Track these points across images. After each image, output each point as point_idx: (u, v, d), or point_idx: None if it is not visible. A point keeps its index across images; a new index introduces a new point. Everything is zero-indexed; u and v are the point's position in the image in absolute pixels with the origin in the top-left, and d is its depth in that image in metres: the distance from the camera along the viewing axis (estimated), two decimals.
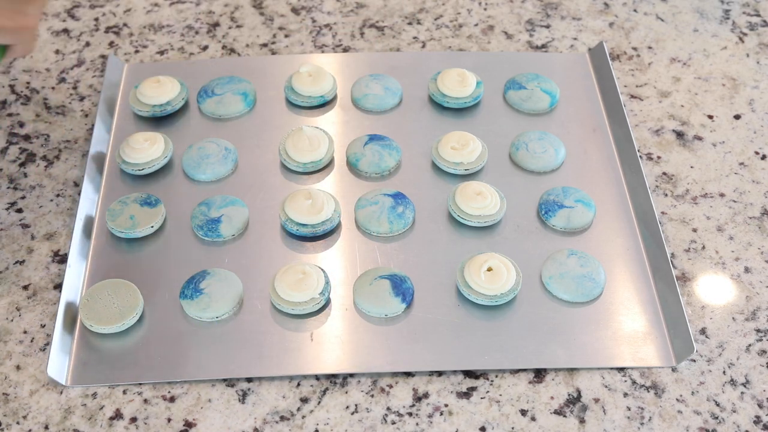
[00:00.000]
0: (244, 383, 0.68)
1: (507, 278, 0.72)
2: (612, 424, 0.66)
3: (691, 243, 0.78)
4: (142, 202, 0.78)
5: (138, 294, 0.71)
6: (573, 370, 0.69)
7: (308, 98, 0.88)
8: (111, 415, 0.66)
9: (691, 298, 0.74)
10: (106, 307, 0.70)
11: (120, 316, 0.70)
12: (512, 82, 0.91)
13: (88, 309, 0.70)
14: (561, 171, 0.83)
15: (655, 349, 0.70)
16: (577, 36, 0.98)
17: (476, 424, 0.65)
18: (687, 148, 0.86)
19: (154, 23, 0.99)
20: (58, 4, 1.02)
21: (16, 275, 0.75)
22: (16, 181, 0.82)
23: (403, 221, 0.78)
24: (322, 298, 0.71)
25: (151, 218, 0.77)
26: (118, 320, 0.69)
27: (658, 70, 0.94)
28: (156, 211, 0.77)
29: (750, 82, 0.93)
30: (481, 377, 0.68)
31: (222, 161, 0.82)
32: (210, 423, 0.65)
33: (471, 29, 0.99)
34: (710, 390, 0.68)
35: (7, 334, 0.71)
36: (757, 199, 0.81)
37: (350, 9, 1.01)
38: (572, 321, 0.72)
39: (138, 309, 0.70)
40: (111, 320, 0.69)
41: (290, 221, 0.77)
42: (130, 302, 0.71)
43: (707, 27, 0.99)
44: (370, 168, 0.82)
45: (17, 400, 0.67)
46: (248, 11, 1.01)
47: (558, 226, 0.78)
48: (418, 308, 0.72)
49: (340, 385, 0.68)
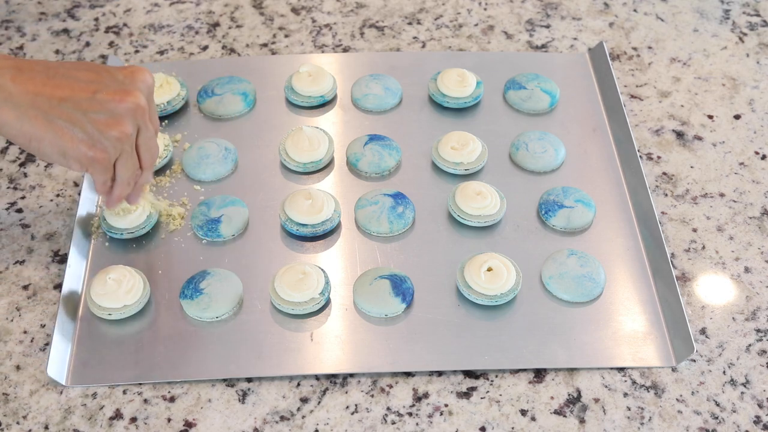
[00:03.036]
0: (244, 383, 0.68)
1: (507, 278, 0.72)
2: (612, 424, 0.66)
3: (691, 243, 0.78)
4: None
5: (144, 279, 0.72)
6: (573, 370, 0.69)
7: (308, 98, 0.88)
8: (111, 415, 0.66)
9: (691, 298, 0.74)
10: (113, 289, 0.70)
11: (126, 296, 0.70)
12: (512, 82, 0.91)
13: (96, 291, 0.70)
14: (561, 171, 0.83)
15: (655, 349, 0.70)
16: (577, 36, 0.98)
17: (476, 424, 0.65)
18: (687, 148, 0.86)
19: (154, 23, 0.99)
20: (58, 4, 1.02)
21: (16, 275, 0.75)
22: (16, 181, 0.82)
23: (403, 221, 0.78)
24: (322, 298, 0.71)
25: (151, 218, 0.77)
26: (124, 300, 0.70)
27: (658, 70, 0.94)
28: None
29: (750, 82, 0.93)
30: (481, 377, 0.68)
31: (222, 161, 0.82)
32: (210, 423, 0.65)
33: (471, 29, 0.99)
34: (710, 390, 0.68)
35: (7, 334, 0.71)
36: (757, 199, 0.81)
37: (350, 9, 1.01)
38: (572, 321, 0.72)
39: (146, 292, 0.71)
40: (117, 299, 0.70)
41: (290, 221, 0.77)
42: (136, 285, 0.71)
43: (707, 27, 0.99)
44: (370, 168, 0.82)
45: (17, 400, 0.67)
46: (248, 11, 1.01)
47: (558, 226, 0.78)
48: (418, 308, 0.72)
49: (340, 385, 0.68)
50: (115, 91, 0.63)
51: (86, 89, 0.63)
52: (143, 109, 0.64)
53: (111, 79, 0.64)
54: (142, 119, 0.65)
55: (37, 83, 0.62)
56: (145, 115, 0.65)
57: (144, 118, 0.65)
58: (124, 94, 0.63)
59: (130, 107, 0.63)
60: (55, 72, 0.63)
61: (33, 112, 0.62)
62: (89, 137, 0.63)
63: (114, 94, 0.63)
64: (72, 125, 0.62)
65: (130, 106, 0.63)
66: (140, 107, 0.64)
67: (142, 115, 0.65)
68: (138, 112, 0.64)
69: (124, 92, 0.63)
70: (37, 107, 0.62)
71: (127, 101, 0.63)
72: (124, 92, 0.63)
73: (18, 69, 0.62)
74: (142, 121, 0.65)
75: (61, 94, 0.62)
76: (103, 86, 0.63)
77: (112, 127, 0.63)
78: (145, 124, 0.65)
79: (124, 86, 0.64)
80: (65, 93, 0.62)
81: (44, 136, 0.62)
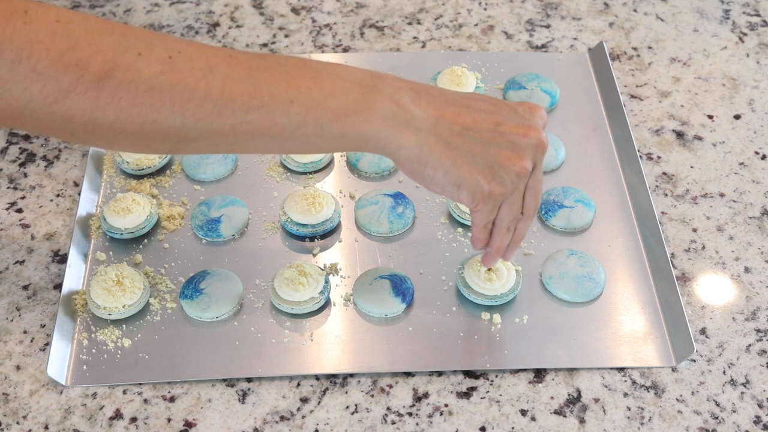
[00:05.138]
0: (244, 383, 0.68)
1: (507, 278, 0.72)
2: (612, 424, 0.66)
3: (691, 243, 0.78)
4: None
5: (144, 279, 0.72)
6: (573, 370, 0.69)
7: None
8: (111, 415, 0.66)
9: (691, 298, 0.74)
10: (113, 289, 0.70)
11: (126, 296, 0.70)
12: (512, 82, 0.91)
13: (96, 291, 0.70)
14: (561, 171, 0.83)
15: (655, 349, 0.70)
16: (577, 36, 0.98)
17: (476, 424, 0.65)
18: (687, 148, 0.86)
19: (154, 23, 0.99)
20: (59, 4, 1.02)
21: (16, 275, 0.75)
22: (16, 181, 0.82)
23: (403, 221, 0.78)
24: (321, 297, 0.71)
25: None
26: (124, 300, 0.70)
27: (658, 70, 0.94)
28: None
29: (750, 82, 0.93)
30: (481, 377, 0.68)
31: (222, 161, 0.82)
32: (210, 423, 0.65)
33: (471, 29, 0.99)
34: (710, 390, 0.68)
35: (7, 334, 0.71)
36: (757, 199, 0.81)
37: (350, 9, 1.01)
38: (572, 321, 0.72)
39: (146, 292, 0.71)
40: (117, 300, 0.70)
41: (290, 221, 0.77)
42: (136, 285, 0.71)
43: (707, 27, 0.99)
44: (370, 168, 0.82)
45: (17, 400, 0.67)
46: (248, 11, 1.01)
47: (558, 226, 0.78)
48: (418, 308, 0.72)
49: (340, 385, 0.68)
50: (518, 125, 0.60)
51: (488, 119, 0.59)
52: (544, 146, 0.60)
53: (511, 112, 0.61)
54: (540, 158, 0.61)
55: (438, 107, 0.59)
56: (543, 154, 0.61)
57: (542, 156, 0.61)
58: (528, 129, 0.60)
59: (533, 143, 0.60)
60: (453, 99, 0.60)
61: (434, 138, 0.58)
62: (489, 169, 0.59)
63: (518, 128, 0.59)
64: (473, 155, 0.59)
65: (533, 142, 0.60)
66: (542, 144, 0.60)
67: (542, 152, 0.61)
68: (539, 149, 0.60)
69: (527, 127, 0.60)
70: (438, 133, 0.58)
71: (530, 136, 0.59)
72: (527, 127, 0.60)
73: (416, 91, 0.59)
74: (539, 159, 0.61)
75: (463, 122, 0.59)
76: (505, 118, 0.60)
77: (513, 162, 0.59)
78: (540, 163, 0.62)
79: (525, 120, 0.60)
80: (467, 121, 0.59)
81: (442, 163, 0.58)
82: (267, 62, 0.57)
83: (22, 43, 0.50)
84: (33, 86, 0.51)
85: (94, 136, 0.55)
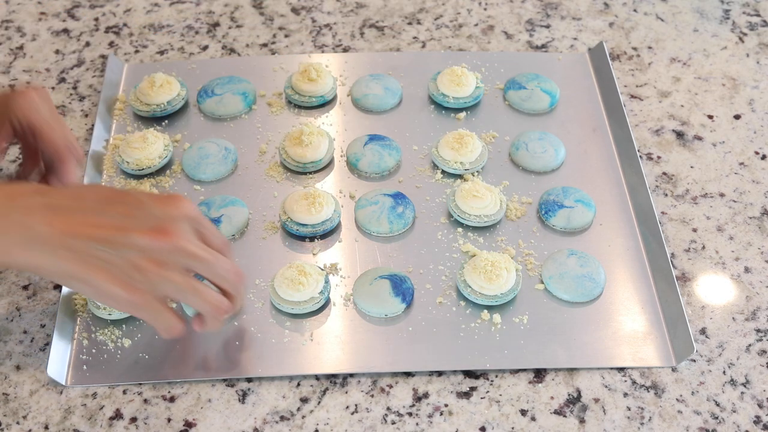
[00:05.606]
0: (244, 383, 0.68)
1: (507, 278, 0.72)
2: (612, 424, 0.66)
3: (691, 243, 0.78)
4: None
5: None
6: (573, 370, 0.69)
7: (308, 98, 0.88)
8: (111, 415, 0.66)
9: (691, 298, 0.74)
10: None
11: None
12: (512, 82, 0.91)
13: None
14: (561, 171, 0.83)
15: (655, 349, 0.70)
16: (577, 36, 0.98)
17: (476, 424, 0.65)
18: (687, 148, 0.86)
19: (154, 23, 1.00)
20: (58, 4, 1.02)
21: (16, 275, 0.75)
22: None
23: (403, 221, 0.78)
24: (321, 297, 0.71)
25: None
26: None
27: (658, 70, 0.94)
28: None
29: (750, 82, 0.93)
30: (481, 377, 0.68)
31: (222, 161, 0.82)
32: (210, 423, 0.65)
33: (471, 29, 0.99)
34: (710, 390, 0.68)
35: (7, 334, 0.71)
36: (757, 199, 0.81)
37: (350, 9, 1.01)
38: (572, 321, 0.72)
39: None
40: None
41: (290, 221, 0.77)
42: None
43: (707, 27, 0.99)
44: (370, 168, 0.82)
45: (17, 400, 0.67)
46: (248, 11, 1.01)
47: (558, 226, 0.78)
48: (418, 308, 0.72)
49: (340, 385, 0.68)
50: (151, 229, 0.59)
51: (120, 227, 0.59)
52: (180, 245, 0.60)
53: (146, 216, 0.60)
54: (186, 258, 0.60)
55: (69, 222, 0.59)
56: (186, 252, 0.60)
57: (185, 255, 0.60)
58: (158, 233, 0.59)
59: (166, 247, 0.59)
60: (92, 206, 0.60)
61: (68, 254, 0.58)
62: (128, 278, 0.59)
63: (149, 232, 0.59)
64: (110, 265, 0.59)
65: (167, 247, 0.59)
66: (177, 245, 0.60)
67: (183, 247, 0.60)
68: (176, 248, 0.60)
69: (158, 230, 0.59)
70: (70, 248, 0.58)
71: (161, 240, 0.59)
72: (158, 230, 0.59)
73: (51, 209, 0.59)
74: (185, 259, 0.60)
75: (91, 234, 0.59)
76: (137, 224, 0.59)
77: (148, 269, 0.59)
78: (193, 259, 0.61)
79: (159, 221, 0.60)
80: (96, 232, 0.59)
81: (81, 277, 0.59)
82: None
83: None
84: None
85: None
